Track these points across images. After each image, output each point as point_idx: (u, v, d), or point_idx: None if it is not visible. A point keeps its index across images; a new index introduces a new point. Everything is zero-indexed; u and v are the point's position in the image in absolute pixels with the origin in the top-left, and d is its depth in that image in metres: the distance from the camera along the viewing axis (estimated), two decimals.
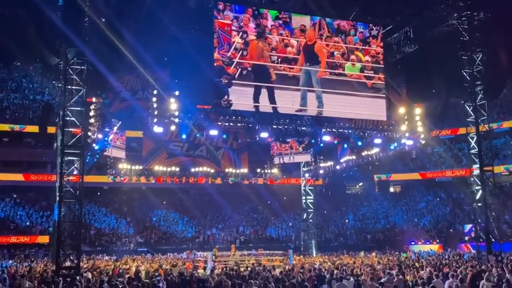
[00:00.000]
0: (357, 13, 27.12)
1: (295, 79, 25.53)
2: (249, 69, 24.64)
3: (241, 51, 24.50)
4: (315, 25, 26.31)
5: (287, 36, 25.66)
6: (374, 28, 27.60)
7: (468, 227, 38.06)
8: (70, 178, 19.92)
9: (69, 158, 20.07)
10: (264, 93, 24.72)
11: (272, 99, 24.84)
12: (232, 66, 24.19)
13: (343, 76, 26.54)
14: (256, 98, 24.56)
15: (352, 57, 26.88)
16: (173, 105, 23.80)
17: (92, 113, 23.01)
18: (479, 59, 25.91)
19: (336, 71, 26.37)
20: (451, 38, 26.83)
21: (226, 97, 23.96)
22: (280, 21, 25.66)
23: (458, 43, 26.19)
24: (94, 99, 23.34)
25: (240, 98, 24.30)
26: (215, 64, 23.94)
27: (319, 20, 26.41)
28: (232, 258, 27.19)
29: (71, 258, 19.05)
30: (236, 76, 24.20)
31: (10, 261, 31.20)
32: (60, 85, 22.58)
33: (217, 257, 27.38)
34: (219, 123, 25.29)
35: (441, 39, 27.70)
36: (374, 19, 27.63)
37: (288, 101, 25.28)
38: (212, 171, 36.98)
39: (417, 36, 27.60)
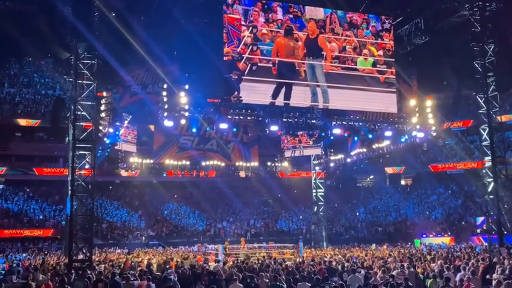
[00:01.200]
0: (367, 5, 26.93)
1: (305, 74, 25.44)
2: (271, 65, 24.63)
3: (251, 47, 24.43)
4: (327, 18, 26.12)
5: (296, 30, 25.50)
6: (386, 21, 27.35)
7: (480, 219, 37.66)
8: (82, 172, 20.06)
9: (80, 152, 20.15)
10: (282, 89, 24.71)
11: (288, 96, 24.83)
12: (242, 61, 24.15)
13: (355, 71, 26.35)
14: (275, 94, 24.55)
15: (365, 51, 26.67)
16: (183, 99, 23.89)
17: (102, 107, 23.16)
18: (491, 50, 25.58)
19: (347, 66, 26.18)
20: (463, 29, 26.52)
21: (236, 93, 23.92)
22: (291, 15, 25.49)
23: (469, 34, 25.86)
24: (105, 94, 23.45)
25: (250, 94, 24.28)
26: (225, 59, 23.94)
27: (330, 13, 26.21)
28: (242, 251, 27.29)
29: (84, 251, 19.22)
30: (246, 72, 24.16)
31: (24, 255, 31.55)
32: (71, 80, 22.69)
33: (228, 249, 27.51)
34: (229, 116, 25.25)
35: (452, 30, 27.36)
36: (385, 10, 27.44)
37: (299, 97, 25.23)
38: (222, 164, 37.14)
39: (428, 28, 27.30)
